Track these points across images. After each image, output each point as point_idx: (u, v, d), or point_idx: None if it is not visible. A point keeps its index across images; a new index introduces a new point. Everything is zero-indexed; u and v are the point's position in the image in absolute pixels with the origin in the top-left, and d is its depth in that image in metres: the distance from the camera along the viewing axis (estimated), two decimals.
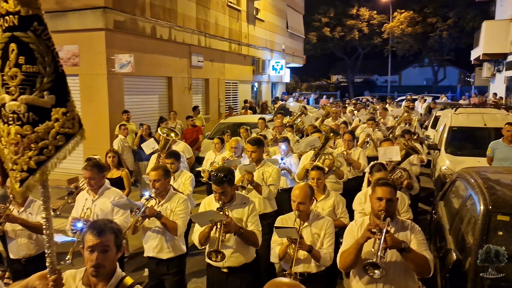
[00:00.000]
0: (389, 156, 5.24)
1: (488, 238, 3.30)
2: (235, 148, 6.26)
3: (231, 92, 18.78)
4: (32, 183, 2.09)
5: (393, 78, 47.94)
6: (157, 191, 3.93)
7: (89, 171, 4.18)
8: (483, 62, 22.63)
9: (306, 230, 3.47)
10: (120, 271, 2.36)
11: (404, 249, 2.72)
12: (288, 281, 1.80)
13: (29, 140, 2.05)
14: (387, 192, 2.93)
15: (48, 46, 2.03)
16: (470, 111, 9.40)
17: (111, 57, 10.51)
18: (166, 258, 3.95)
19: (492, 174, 4.48)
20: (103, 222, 2.35)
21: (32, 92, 2.01)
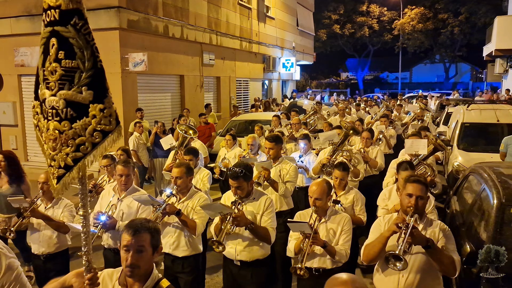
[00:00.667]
0: (415, 148, 5.13)
1: (502, 231, 3.36)
2: (252, 145, 6.27)
3: (242, 90, 18.89)
4: (69, 180, 2.07)
5: (404, 75, 47.65)
6: (178, 188, 3.92)
7: (123, 168, 4.11)
8: (495, 58, 22.42)
9: (322, 226, 3.47)
10: (157, 273, 2.32)
11: (429, 246, 2.72)
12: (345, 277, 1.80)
13: (67, 136, 2.03)
14: (418, 189, 2.93)
15: (87, 41, 2.01)
16: (482, 107, 9.38)
17: (125, 56, 10.68)
18: (182, 256, 3.91)
19: (505, 169, 4.51)
20: (139, 222, 2.31)
21: (70, 88, 1.99)
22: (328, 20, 38.46)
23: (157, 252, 2.28)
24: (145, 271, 2.23)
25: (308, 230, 3.26)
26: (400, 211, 3.05)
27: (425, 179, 3.33)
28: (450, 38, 36.80)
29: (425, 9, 36.76)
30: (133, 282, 2.23)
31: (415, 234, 2.70)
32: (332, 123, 9.61)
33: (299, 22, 25.11)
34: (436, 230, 2.94)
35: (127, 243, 2.18)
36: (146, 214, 4.04)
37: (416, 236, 2.70)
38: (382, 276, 3.02)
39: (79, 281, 2.17)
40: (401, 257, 2.63)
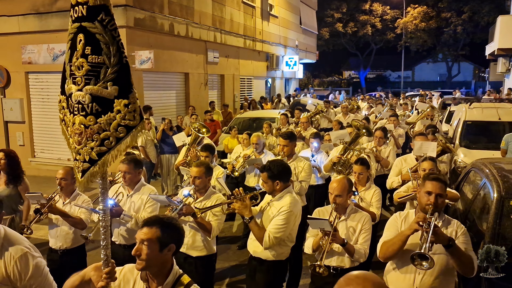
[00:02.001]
0: (424, 150, 5.05)
1: (501, 222, 3.50)
2: (257, 145, 6.27)
3: (246, 88, 19.03)
4: (93, 174, 2.10)
5: (406, 74, 47.76)
6: (196, 188, 3.90)
7: (126, 165, 4.12)
8: (498, 57, 22.47)
9: (342, 224, 3.45)
10: (177, 269, 2.31)
11: (451, 245, 2.71)
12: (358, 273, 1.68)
13: (92, 130, 2.06)
14: (437, 187, 2.91)
15: (113, 37, 2.04)
16: (484, 105, 9.50)
17: (132, 53, 10.82)
18: (196, 256, 3.88)
19: (505, 165, 4.64)
20: (155, 216, 2.34)
21: (96, 83, 2.03)
22: (331, 19, 38.59)
23: (168, 250, 2.23)
24: (157, 267, 2.22)
25: (328, 227, 3.22)
26: (417, 209, 3.04)
27: (444, 177, 3.31)
28: (453, 37, 36.87)
29: (428, 8, 36.83)
30: (152, 278, 2.25)
31: (437, 233, 2.68)
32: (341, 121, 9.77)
33: (302, 21, 25.23)
34: (455, 230, 2.94)
35: (136, 234, 2.24)
36: (151, 209, 4.07)
37: (438, 235, 2.68)
38: (397, 274, 3.00)
39: (98, 274, 2.19)
40: (427, 256, 2.59)
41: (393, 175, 5.50)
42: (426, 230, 2.69)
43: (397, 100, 18.53)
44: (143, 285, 2.28)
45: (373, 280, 1.63)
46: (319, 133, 6.91)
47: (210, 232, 3.75)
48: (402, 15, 38.79)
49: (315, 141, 6.23)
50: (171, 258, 2.29)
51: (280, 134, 5.62)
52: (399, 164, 5.54)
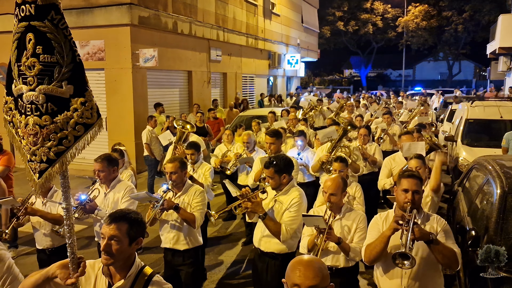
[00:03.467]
0: (413, 151, 5.02)
1: (505, 216, 3.59)
2: (247, 143, 6.27)
3: (248, 86, 19.12)
4: (52, 173, 2.08)
5: (407, 72, 47.83)
6: (173, 183, 3.95)
7: (99, 164, 4.10)
8: (499, 56, 22.52)
9: (337, 223, 3.45)
10: (139, 261, 2.33)
11: (432, 241, 2.70)
12: (307, 258, 1.86)
13: (49, 130, 2.03)
14: (413, 183, 2.90)
15: (65, 36, 2.01)
16: (486, 103, 9.57)
17: (136, 51, 10.90)
18: (183, 249, 3.97)
19: (507, 162, 4.73)
20: (120, 211, 2.34)
21: (50, 82, 1.99)
22: (332, 17, 38.64)
23: (136, 244, 2.26)
24: (124, 260, 2.24)
25: (323, 224, 3.22)
26: (397, 208, 3.03)
27: (418, 173, 3.26)
28: (454, 35, 36.94)
29: (429, 7, 36.89)
30: (115, 271, 2.25)
31: (417, 230, 2.66)
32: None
33: (303, 19, 25.29)
34: (435, 225, 2.93)
35: (103, 231, 2.22)
36: (127, 204, 4.03)
37: (418, 231, 2.66)
38: (384, 277, 3.00)
39: (64, 272, 2.15)
40: (408, 255, 2.58)
41: (384, 176, 5.46)
42: (406, 228, 2.68)
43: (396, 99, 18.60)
44: (105, 279, 2.28)
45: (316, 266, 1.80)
46: (303, 131, 6.79)
47: (194, 222, 3.85)
48: (403, 14, 38.84)
49: (299, 139, 6.20)
50: (135, 252, 2.31)
51: (266, 132, 5.65)
52: (388, 164, 5.51)
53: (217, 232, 7.07)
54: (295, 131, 7.66)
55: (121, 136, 10.94)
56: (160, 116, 10.28)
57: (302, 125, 8.60)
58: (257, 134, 8.23)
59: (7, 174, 6.15)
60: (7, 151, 6.33)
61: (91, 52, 11.20)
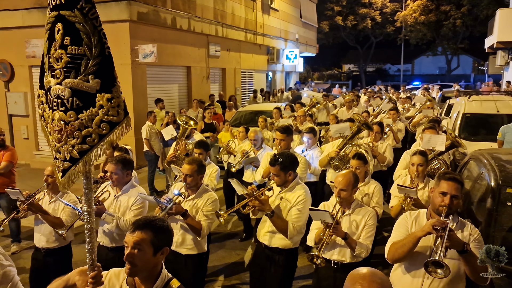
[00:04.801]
0: (433, 144, 5.00)
1: (498, 209, 3.68)
2: (254, 140, 6.20)
3: (247, 81, 19.16)
4: (75, 173, 1.97)
5: (406, 67, 47.83)
6: (187, 185, 3.82)
7: (113, 165, 3.96)
8: (497, 50, 22.58)
9: (345, 218, 3.44)
10: (166, 273, 2.21)
11: (465, 251, 2.58)
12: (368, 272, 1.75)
13: (73, 127, 1.92)
14: (453, 187, 2.77)
15: (95, 26, 1.90)
16: (483, 98, 9.65)
17: (135, 47, 10.95)
18: (186, 254, 3.83)
19: (502, 155, 4.82)
20: (145, 219, 2.19)
21: (77, 76, 1.89)
22: (331, 12, 38.60)
23: (161, 253, 2.15)
24: (148, 271, 2.11)
25: (329, 219, 3.21)
26: (430, 210, 2.91)
27: (461, 177, 3.10)
28: (453, 30, 36.86)
29: (428, 1, 36.78)
30: (140, 283, 2.13)
31: (452, 238, 2.54)
32: (339, 115, 9.68)
33: (302, 14, 25.30)
34: (467, 233, 2.80)
35: (126, 239, 2.09)
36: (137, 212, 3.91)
37: (453, 239, 2.54)
38: (405, 276, 2.89)
39: (83, 279, 2.08)
40: (442, 264, 2.47)
41: (401, 168, 5.45)
42: (441, 234, 2.54)
43: (398, 94, 18.59)
44: None
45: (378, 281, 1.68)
46: (314, 128, 6.75)
47: (200, 232, 3.70)
48: (401, 8, 38.81)
49: (307, 136, 6.11)
50: (161, 262, 2.19)
51: (276, 128, 5.53)
52: (407, 157, 5.41)
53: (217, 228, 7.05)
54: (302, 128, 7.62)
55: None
56: (160, 111, 10.35)
57: (308, 121, 8.53)
58: (263, 130, 8.13)
59: (10, 170, 6.22)
60: (10, 147, 6.41)
61: None
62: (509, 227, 3.76)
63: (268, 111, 11.18)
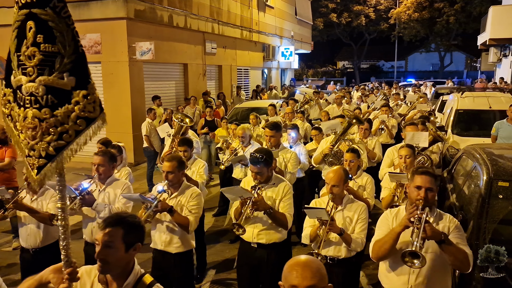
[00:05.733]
0: (416, 141, 5.09)
1: (490, 201, 3.84)
2: (242, 138, 6.16)
3: (243, 78, 19.27)
4: (51, 170, 1.96)
5: (400, 64, 48.10)
6: (170, 183, 3.78)
7: (100, 157, 3.95)
8: (489, 47, 22.86)
9: (338, 214, 3.47)
10: (139, 269, 2.20)
11: (443, 241, 2.64)
12: (304, 258, 1.82)
13: (48, 124, 1.91)
14: (427, 181, 2.85)
15: (68, 24, 1.89)
16: (476, 94, 9.84)
17: (132, 45, 11.02)
18: (174, 252, 3.81)
19: (495, 150, 4.98)
20: (115, 215, 2.21)
21: (51, 73, 1.88)
22: (325, 9, 38.73)
23: (134, 249, 2.14)
24: (121, 268, 2.12)
25: (325, 216, 3.26)
26: (408, 204, 2.98)
27: (433, 170, 3.18)
28: (446, 27, 37.12)
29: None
30: (112, 279, 2.13)
31: (429, 229, 2.61)
32: (329, 112, 9.67)
33: (297, 11, 25.42)
34: (447, 224, 2.87)
35: (97, 237, 2.10)
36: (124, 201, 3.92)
37: (430, 230, 2.60)
38: (391, 274, 2.95)
39: (57, 277, 2.05)
40: (418, 254, 2.53)
41: (385, 166, 5.50)
42: (417, 226, 2.62)
43: (390, 90, 18.78)
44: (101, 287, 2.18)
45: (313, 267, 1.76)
46: (297, 124, 6.76)
47: (187, 227, 3.69)
48: (395, 5, 39.01)
49: (293, 132, 6.13)
50: (134, 258, 2.19)
51: (265, 125, 5.55)
52: (390, 155, 5.54)
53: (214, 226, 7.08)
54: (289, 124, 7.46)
55: (118, 129, 11.10)
56: (158, 108, 10.45)
57: (299, 118, 8.55)
58: (255, 127, 8.17)
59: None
60: (11, 143, 6.48)
61: (87, 45, 11.27)
62: (500, 219, 3.92)
63: (265, 107, 11.29)
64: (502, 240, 3.77)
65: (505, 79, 20.16)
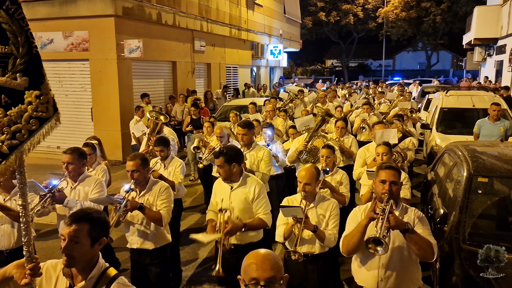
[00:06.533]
0: (386, 138, 5.21)
1: (470, 196, 3.97)
2: (221, 137, 6.03)
3: (232, 76, 19.31)
4: (6, 168, 2.01)
5: (387, 63, 48.57)
6: (136, 181, 3.77)
7: (69, 155, 3.95)
8: (474, 46, 23.23)
9: (311, 211, 3.53)
10: (103, 262, 2.25)
11: (407, 230, 2.74)
12: (262, 251, 1.89)
13: (1, 123, 1.97)
14: (390, 174, 2.96)
15: (21, 26, 1.94)
16: (460, 93, 10.05)
17: (121, 42, 10.99)
18: (151, 249, 3.84)
19: (476, 147, 5.13)
20: (80, 211, 2.25)
21: (4, 74, 1.95)
22: (314, 8, 38.95)
23: (99, 244, 2.20)
24: (86, 262, 2.17)
25: (300, 214, 3.33)
26: (374, 200, 3.08)
27: (396, 165, 3.32)
28: (433, 26, 37.57)
29: None
30: (77, 273, 2.18)
31: (392, 218, 2.72)
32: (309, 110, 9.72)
33: (286, 10, 25.50)
34: (412, 216, 2.99)
35: (63, 232, 2.14)
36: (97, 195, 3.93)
37: (393, 220, 2.71)
38: (362, 268, 3.07)
39: (20, 272, 2.12)
40: (381, 241, 2.63)
41: (358, 166, 5.54)
42: (382, 217, 2.73)
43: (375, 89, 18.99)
44: (66, 281, 2.21)
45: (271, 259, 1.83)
46: (271, 123, 6.80)
47: (161, 220, 3.71)
48: (383, 5, 39.38)
49: (268, 130, 6.12)
50: (99, 252, 2.25)
51: (238, 123, 5.52)
52: (362, 154, 5.60)
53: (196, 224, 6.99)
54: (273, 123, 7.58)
55: (106, 127, 11.10)
56: (146, 106, 10.45)
57: (281, 116, 8.57)
58: (235, 125, 7.90)
59: None
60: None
61: (75, 42, 11.23)
62: (479, 214, 4.07)
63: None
64: (481, 234, 3.94)
65: (490, 78, 20.51)
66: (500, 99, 9.10)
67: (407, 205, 3.14)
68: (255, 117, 8.14)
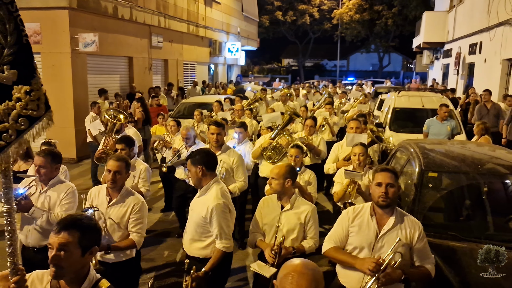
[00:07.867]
0: (356, 141, 5.22)
1: (421, 189, 4.24)
2: (187, 139, 5.82)
3: (189, 73, 19.14)
4: None
5: (342, 63, 49.90)
6: (112, 185, 3.49)
7: (41, 158, 3.67)
8: (423, 49, 24.39)
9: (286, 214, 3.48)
10: (94, 273, 2.07)
11: (405, 279, 2.73)
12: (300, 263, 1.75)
13: None
14: (386, 176, 2.92)
15: (10, 12, 1.72)
16: (411, 94, 10.58)
17: (75, 36, 10.63)
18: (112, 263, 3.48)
19: (426, 144, 5.45)
20: (71, 218, 2.05)
21: None
22: (271, 6, 39.30)
23: (90, 253, 2.01)
24: (76, 273, 1.98)
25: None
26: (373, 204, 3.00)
27: (393, 168, 3.28)
28: (385, 29, 39.01)
29: (362, 0, 38.64)
30: (65, 285, 1.99)
31: (384, 280, 2.66)
32: (275, 109, 9.74)
33: (244, 8, 25.58)
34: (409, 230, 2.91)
35: (50, 240, 1.95)
36: (67, 206, 3.67)
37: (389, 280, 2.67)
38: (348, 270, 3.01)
39: (4, 285, 1.93)
40: None
41: (330, 160, 5.63)
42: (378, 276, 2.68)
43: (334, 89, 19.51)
44: None
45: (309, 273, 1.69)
46: (245, 123, 6.69)
47: (135, 246, 3.46)
48: (338, 6, 40.41)
49: (238, 131, 6.02)
50: (89, 262, 2.08)
51: (212, 121, 5.27)
52: (336, 150, 5.70)
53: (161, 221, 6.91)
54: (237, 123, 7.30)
55: (60, 124, 10.66)
56: (104, 102, 10.18)
57: (247, 115, 8.56)
58: (199, 124, 8.07)
59: None
60: None
61: None
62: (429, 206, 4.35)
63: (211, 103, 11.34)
64: (431, 225, 4.20)
65: (437, 81, 21.62)
66: (447, 100, 9.69)
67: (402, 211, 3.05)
68: (223, 115, 7.97)
